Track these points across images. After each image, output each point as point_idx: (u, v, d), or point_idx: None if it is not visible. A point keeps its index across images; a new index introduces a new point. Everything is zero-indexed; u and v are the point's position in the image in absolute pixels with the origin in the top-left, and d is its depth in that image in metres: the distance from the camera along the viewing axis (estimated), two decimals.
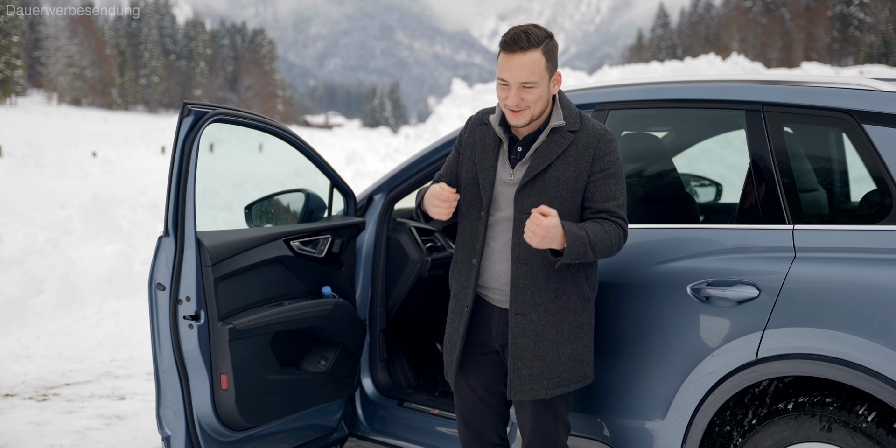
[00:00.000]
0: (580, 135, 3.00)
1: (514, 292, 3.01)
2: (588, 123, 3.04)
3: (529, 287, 2.99)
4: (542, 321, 3.00)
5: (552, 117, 3.02)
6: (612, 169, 3.00)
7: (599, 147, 2.99)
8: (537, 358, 3.01)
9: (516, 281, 3.01)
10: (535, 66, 2.92)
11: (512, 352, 3.03)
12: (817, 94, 3.05)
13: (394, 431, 4.22)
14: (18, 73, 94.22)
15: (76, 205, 11.10)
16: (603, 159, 2.99)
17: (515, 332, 3.02)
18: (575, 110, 3.06)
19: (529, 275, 2.99)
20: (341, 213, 4.34)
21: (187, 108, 3.50)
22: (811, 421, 2.83)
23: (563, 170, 2.98)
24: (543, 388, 3.02)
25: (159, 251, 3.56)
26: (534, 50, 2.91)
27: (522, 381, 3.02)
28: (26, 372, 6.38)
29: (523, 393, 3.03)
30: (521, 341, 3.01)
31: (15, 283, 7.83)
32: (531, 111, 2.97)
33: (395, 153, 32.53)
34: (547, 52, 2.95)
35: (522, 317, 3.00)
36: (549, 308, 3.00)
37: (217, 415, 3.61)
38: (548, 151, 2.99)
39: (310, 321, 3.86)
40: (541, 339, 3.01)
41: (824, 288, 2.82)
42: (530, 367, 3.01)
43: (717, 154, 11.42)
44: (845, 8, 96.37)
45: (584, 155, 2.98)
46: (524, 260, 2.99)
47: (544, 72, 2.95)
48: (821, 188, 3.26)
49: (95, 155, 34.26)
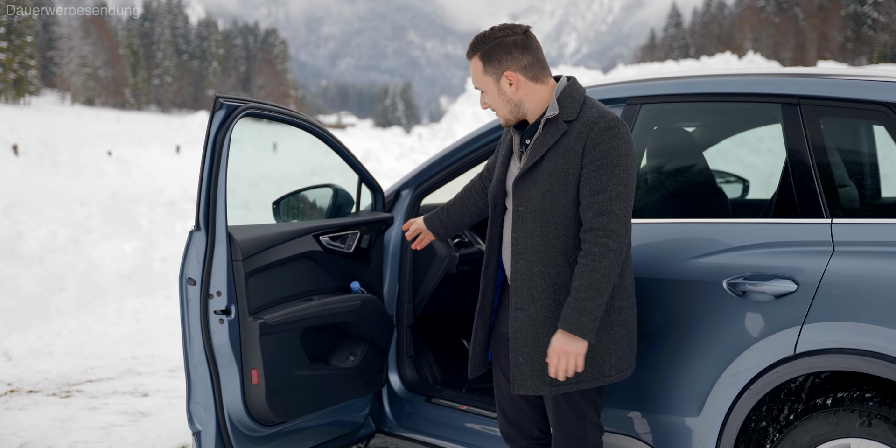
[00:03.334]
0: (575, 124, 2.91)
1: (513, 287, 2.99)
2: (586, 112, 2.92)
3: (527, 282, 2.95)
4: (540, 317, 2.95)
5: (548, 109, 2.98)
6: (603, 160, 2.84)
7: (591, 136, 2.86)
8: (538, 353, 2.96)
9: (514, 275, 2.99)
10: (476, 73, 3.03)
11: (513, 346, 3.00)
12: (855, 87, 3.01)
13: (421, 427, 4.19)
14: (32, 73, 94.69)
15: (95, 203, 11.14)
16: (594, 149, 2.85)
17: (515, 326, 2.99)
18: (578, 100, 2.96)
19: (526, 269, 2.96)
20: (369, 209, 4.32)
21: (219, 102, 3.49)
22: (851, 416, 2.80)
23: (555, 161, 2.91)
24: (545, 383, 2.97)
25: (190, 246, 3.54)
26: (474, 57, 3.02)
27: (524, 376, 2.98)
28: (48, 369, 6.39)
29: (525, 388, 2.99)
30: (520, 336, 2.98)
31: (36, 281, 7.85)
32: (500, 111, 3.04)
33: (410, 152, 32.52)
34: (484, 56, 2.98)
35: (522, 311, 2.97)
36: (548, 304, 2.94)
37: (247, 410, 3.59)
38: (542, 143, 2.94)
39: (339, 316, 3.84)
40: (540, 334, 2.95)
41: (864, 282, 2.78)
42: (531, 363, 2.97)
43: (732, 153, 11.38)
44: (859, 7, 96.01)
45: (575, 145, 2.89)
46: (521, 254, 2.96)
47: (484, 77, 3.01)
48: (858, 181, 3.23)
49: (111, 154, 34.37)
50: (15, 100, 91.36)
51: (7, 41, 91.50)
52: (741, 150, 11.60)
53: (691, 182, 3.75)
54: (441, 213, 3.58)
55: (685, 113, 3.78)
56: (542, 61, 3.00)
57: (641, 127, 3.52)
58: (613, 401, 3.35)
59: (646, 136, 3.63)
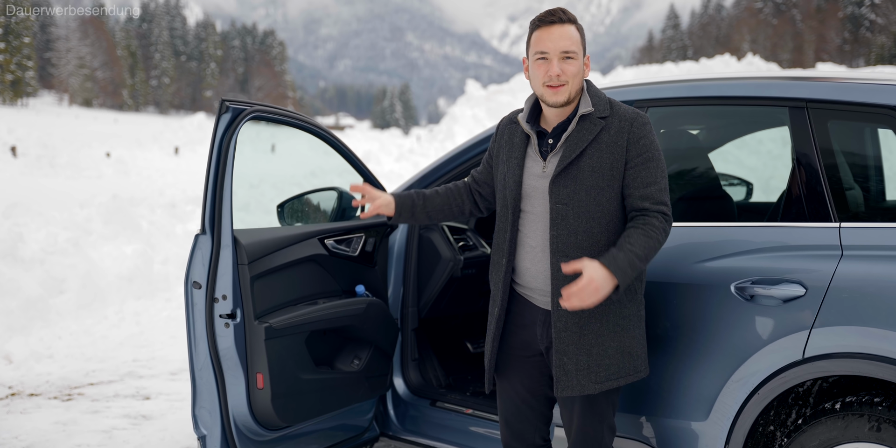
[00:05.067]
0: (611, 120, 2.94)
1: (555, 286, 2.94)
2: (619, 108, 2.98)
3: (570, 279, 2.91)
4: (585, 313, 2.92)
5: (581, 105, 2.98)
6: (649, 152, 2.93)
7: (633, 131, 2.93)
8: (583, 351, 2.94)
9: (556, 274, 2.94)
10: (575, 37, 2.97)
11: (557, 347, 2.96)
12: (863, 91, 3.01)
13: (426, 431, 4.18)
14: (30, 74, 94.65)
15: (96, 205, 11.12)
16: (638, 143, 2.92)
17: (559, 325, 2.95)
18: (604, 97, 3.01)
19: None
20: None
21: (225, 105, 3.47)
22: (860, 421, 2.80)
23: (597, 157, 2.92)
24: (591, 382, 2.95)
25: (195, 249, 3.53)
26: (571, 24, 2.97)
27: (569, 377, 2.95)
28: (50, 372, 6.38)
29: (571, 388, 2.95)
30: (565, 335, 2.94)
31: (37, 283, 7.83)
32: (569, 87, 2.95)
33: (410, 154, 32.50)
34: (580, 29, 3.00)
35: (565, 310, 2.93)
36: None
37: (252, 414, 3.58)
38: (579, 139, 2.94)
39: (344, 320, 3.83)
40: (585, 331, 2.93)
41: (873, 286, 2.78)
42: (576, 362, 2.94)
43: (732, 155, 11.37)
44: (856, 9, 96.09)
45: (618, 140, 2.92)
46: (563, 252, 2.93)
47: (581, 46, 2.98)
48: (866, 185, 3.23)
49: (109, 155, 34.35)
50: (12, 101, 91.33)
51: (4, 42, 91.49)
52: (740, 152, 11.58)
53: (698, 185, 3.74)
54: (417, 198, 3.38)
55: (692, 116, 3.78)
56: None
57: None
58: (621, 404, 3.33)
59: None
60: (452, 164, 4.20)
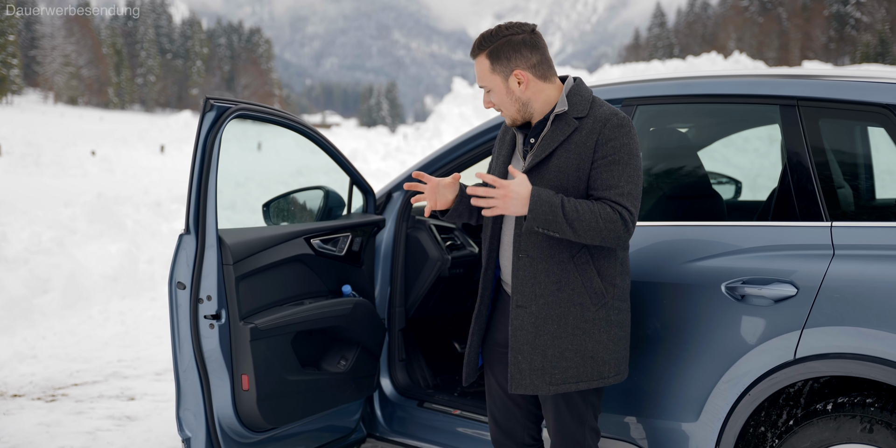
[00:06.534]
0: (586, 121, 2.89)
1: (515, 283, 2.94)
2: (598, 109, 2.91)
3: (529, 279, 2.90)
4: (542, 314, 2.90)
5: (557, 105, 2.95)
6: (615, 155, 2.82)
7: (603, 132, 2.85)
8: (537, 352, 2.91)
9: (517, 272, 2.93)
10: (483, 72, 2.96)
11: (512, 344, 2.94)
12: (854, 89, 2.99)
13: (413, 432, 4.15)
14: (14, 72, 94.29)
15: (80, 204, 11.03)
16: (606, 145, 2.84)
17: (515, 324, 2.93)
18: (587, 97, 2.95)
19: (529, 266, 2.91)
20: (360, 211, 4.28)
21: (210, 104, 3.43)
22: (851, 422, 2.77)
23: (565, 157, 2.88)
24: (545, 383, 2.92)
25: (180, 249, 3.49)
26: (480, 55, 2.96)
27: (523, 375, 2.93)
28: (33, 372, 6.31)
29: (524, 387, 2.93)
30: (520, 334, 2.92)
31: (20, 283, 7.77)
32: (508, 112, 2.98)
33: (396, 152, 32.46)
34: (492, 55, 2.93)
35: (522, 309, 2.91)
36: (550, 301, 2.89)
37: (238, 416, 3.54)
38: (551, 139, 2.91)
39: (331, 320, 3.80)
40: (541, 332, 2.90)
41: (865, 286, 2.75)
42: (530, 362, 2.92)
43: (719, 153, 11.36)
44: (842, 7, 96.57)
45: (587, 141, 2.86)
46: (525, 250, 2.91)
47: (492, 75, 2.94)
48: (858, 184, 3.21)
49: (94, 154, 34.20)
50: None
51: None
52: (727, 150, 11.58)
53: (688, 184, 3.71)
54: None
55: (682, 114, 3.75)
56: (549, 60, 2.97)
57: (638, 128, 3.49)
58: (610, 405, 3.31)
59: (642, 137, 3.58)
60: (440, 162, 4.18)
